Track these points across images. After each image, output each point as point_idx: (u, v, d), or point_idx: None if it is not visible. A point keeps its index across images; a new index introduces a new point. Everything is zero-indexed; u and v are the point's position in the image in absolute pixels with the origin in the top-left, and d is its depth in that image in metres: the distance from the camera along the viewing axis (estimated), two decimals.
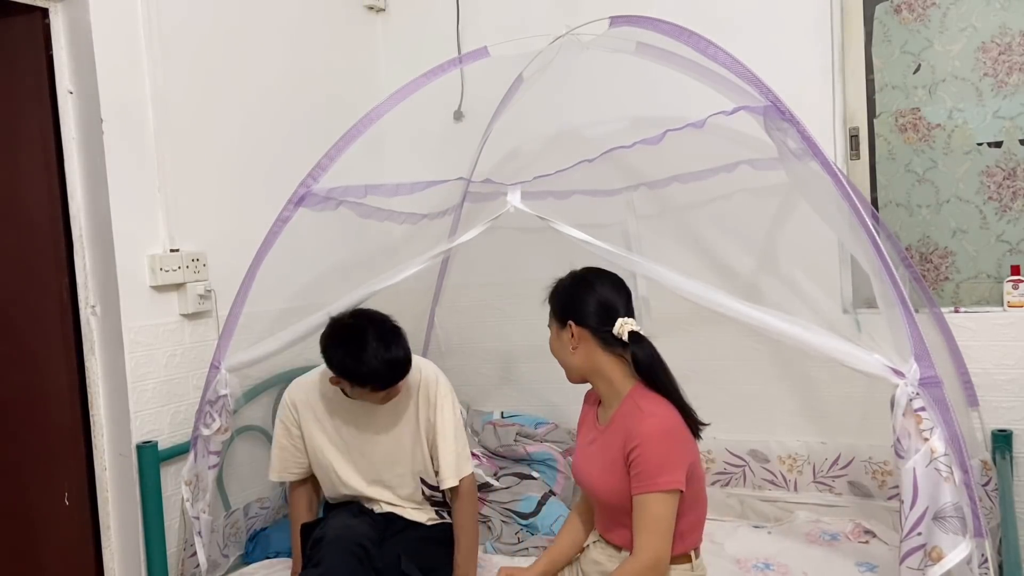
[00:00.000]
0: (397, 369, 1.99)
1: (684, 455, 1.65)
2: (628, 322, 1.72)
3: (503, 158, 3.06)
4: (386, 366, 1.96)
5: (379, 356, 1.95)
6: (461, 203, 2.95)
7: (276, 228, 2.21)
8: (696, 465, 1.69)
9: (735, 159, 2.53)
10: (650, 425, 1.64)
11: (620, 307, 1.75)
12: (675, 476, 1.61)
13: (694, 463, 1.68)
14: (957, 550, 1.52)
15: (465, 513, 2.15)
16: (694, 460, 1.68)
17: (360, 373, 1.97)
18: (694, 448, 1.70)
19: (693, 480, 1.67)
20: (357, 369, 1.96)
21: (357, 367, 1.96)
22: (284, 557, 2.41)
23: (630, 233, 2.87)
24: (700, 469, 1.74)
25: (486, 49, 2.26)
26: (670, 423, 1.66)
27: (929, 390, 1.61)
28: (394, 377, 2.00)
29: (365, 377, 1.97)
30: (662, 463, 1.61)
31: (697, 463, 1.70)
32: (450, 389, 2.20)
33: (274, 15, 2.85)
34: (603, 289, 1.77)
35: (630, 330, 1.71)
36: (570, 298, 1.80)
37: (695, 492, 1.70)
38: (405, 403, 2.18)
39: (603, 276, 1.81)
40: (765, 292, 2.56)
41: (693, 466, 1.67)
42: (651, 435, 1.63)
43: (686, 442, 1.67)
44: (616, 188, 2.82)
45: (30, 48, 2.28)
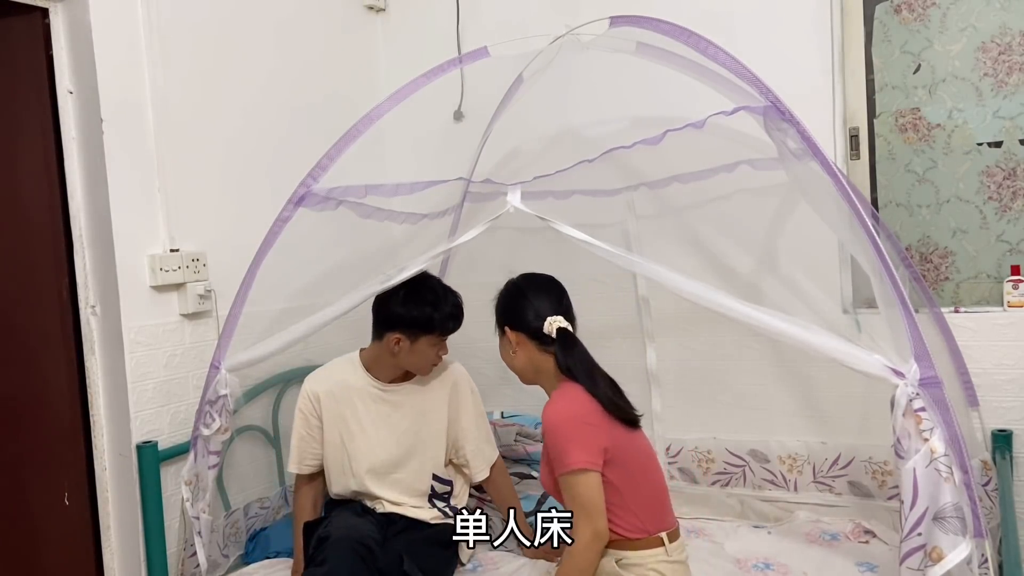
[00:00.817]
0: (462, 312, 2.22)
1: (589, 436, 1.76)
2: (555, 320, 1.86)
3: (503, 158, 3.06)
4: (458, 309, 2.20)
5: (452, 300, 2.19)
6: (461, 203, 2.94)
7: (276, 228, 2.21)
8: (623, 450, 1.80)
9: (735, 159, 2.53)
10: (549, 413, 1.81)
11: (549, 307, 1.89)
12: (578, 456, 1.74)
13: (614, 446, 1.78)
14: (957, 550, 1.52)
15: (508, 485, 2.43)
16: (612, 443, 1.78)
17: (441, 316, 2.15)
18: (607, 431, 1.79)
19: (626, 463, 1.79)
20: (437, 312, 2.14)
21: (435, 312, 2.14)
22: (284, 557, 2.41)
23: (630, 233, 2.87)
24: (636, 453, 1.85)
25: (486, 49, 2.26)
26: (571, 408, 1.80)
27: (929, 390, 1.61)
28: (462, 319, 2.22)
29: (444, 320, 2.15)
30: (564, 445, 1.75)
31: (626, 448, 1.81)
32: (476, 387, 2.39)
33: (274, 15, 2.85)
34: (533, 292, 1.93)
35: (558, 327, 1.85)
36: (505, 305, 1.97)
37: (631, 474, 1.81)
38: (435, 397, 2.29)
39: (534, 279, 1.97)
40: (765, 292, 2.55)
41: (619, 450, 1.78)
42: (551, 421, 1.80)
43: (592, 425, 1.78)
44: (616, 188, 2.82)
45: (30, 48, 2.28)
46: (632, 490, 1.81)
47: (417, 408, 2.27)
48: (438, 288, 2.17)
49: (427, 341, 2.17)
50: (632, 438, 1.85)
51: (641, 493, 1.83)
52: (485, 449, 2.38)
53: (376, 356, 2.26)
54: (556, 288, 1.96)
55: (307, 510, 2.31)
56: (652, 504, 1.85)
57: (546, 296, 1.93)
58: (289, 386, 2.77)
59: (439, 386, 2.31)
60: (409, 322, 2.14)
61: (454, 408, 2.30)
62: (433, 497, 2.32)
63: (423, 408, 2.27)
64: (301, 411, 2.30)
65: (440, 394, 2.29)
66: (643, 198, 2.82)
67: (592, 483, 1.75)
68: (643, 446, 1.90)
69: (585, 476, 1.74)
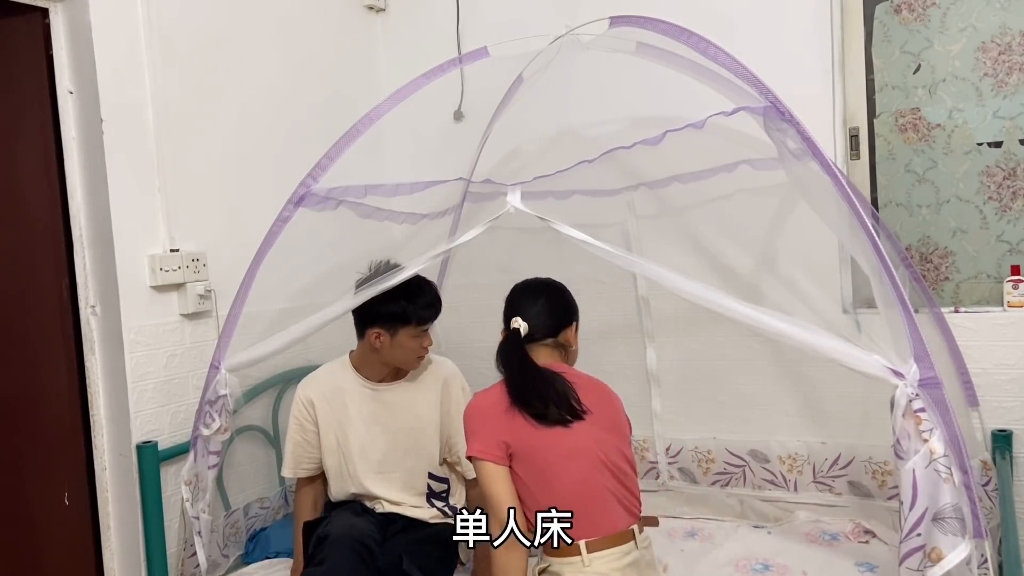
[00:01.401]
0: (440, 301, 2.25)
1: (488, 428, 1.79)
2: (513, 321, 1.89)
3: (503, 158, 3.05)
4: (434, 298, 2.22)
5: (427, 291, 2.21)
6: (461, 203, 2.94)
7: (276, 228, 2.21)
8: (531, 444, 1.77)
9: (735, 159, 2.53)
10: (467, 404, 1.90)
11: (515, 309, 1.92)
12: (472, 445, 1.78)
13: (520, 440, 1.77)
14: (956, 551, 1.52)
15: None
16: (517, 438, 1.77)
17: (416, 307, 2.15)
18: (507, 425, 1.78)
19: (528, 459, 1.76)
20: (412, 304, 2.15)
21: (410, 303, 2.15)
22: (284, 557, 2.41)
23: (630, 233, 2.87)
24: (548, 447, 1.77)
25: (486, 49, 2.26)
26: (476, 401, 1.88)
27: (929, 391, 1.61)
28: (439, 308, 2.24)
29: (420, 310, 2.16)
30: (466, 434, 1.83)
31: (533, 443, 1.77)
32: (467, 385, 2.35)
33: (274, 15, 2.86)
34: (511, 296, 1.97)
35: (513, 327, 1.88)
36: (571, 302, 2.02)
37: (541, 472, 1.76)
38: (426, 395, 2.28)
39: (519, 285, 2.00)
40: (765, 292, 2.55)
41: (516, 444, 1.77)
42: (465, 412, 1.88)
43: (490, 417, 1.80)
44: (616, 188, 2.82)
45: (30, 48, 2.28)
46: (542, 488, 1.76)
47: (409, 406, 2.27)
48: (411, 280, 2.15)
49: (407, 333, 2.16)
50: (546, 436, 1.77)
51: (555, 494, 1.75)
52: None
53: (363, 355, 2.27)
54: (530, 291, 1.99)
55: (307, 510, 2.31)
56: (569, 508, 1.75)
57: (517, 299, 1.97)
58: (289, 386, 2.77)
59: (430, 384, 2.31)
60: (387, 316, 2.15)
61: (445, 405, 2.30)
62: (431, 496, 2.32)
63: (415, 406, 2.27)
64: (296, 417, 2.29)
65: (431, 391, 2.29)
66: (643, 198, 2.83)
67: (489, 473, 1.76)
68: (566, 444, 1.78)
69: (481, 465, 1.77)
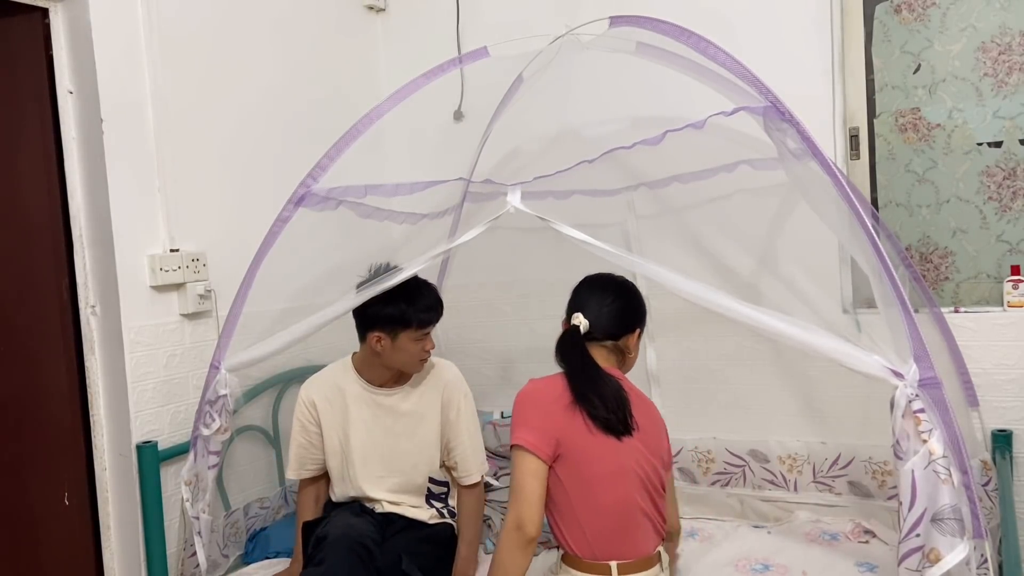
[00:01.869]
0: (440, 301, 2.21)
1: (545, 421, 1.71)
2: (575, 316, 1.85)
3: (503, 158, 3.05)
4: (435, 301, 2.18)
5: (427, 293, 2.18)
6: (461, 203, 2.94)
7: (276, 228, 2.21)
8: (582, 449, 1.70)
9: (735, 159, 2.53)
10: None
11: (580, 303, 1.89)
12: (518, 433, 1.71)
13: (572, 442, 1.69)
14: (955, 552, 1.52)
15: (476, 506, 2.28)
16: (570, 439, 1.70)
17: (416, 309, 2.13)
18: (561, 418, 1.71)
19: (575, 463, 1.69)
20: (412, 307, 2.12)
21: (410, 306, 2.12)
22: (284, 557, 2.41)
23: (630, 233, 2.87)
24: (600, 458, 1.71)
25: (486, 49, 2.26)
26: (539, 389, 1.78)
27: (928, 391, 1.61)
28: (442, 309, 2.21)
29: (420, 312, 2.13)
30: (513, 421, 1.76)
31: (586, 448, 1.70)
32: (469, 390, 2.34)
33: (274, 15, 2.85)
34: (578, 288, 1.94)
35: (573, 323, 1.85)
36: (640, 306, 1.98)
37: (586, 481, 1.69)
38: (429, 399, 2.27)
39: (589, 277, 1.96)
40: (765, 292, 2.56)
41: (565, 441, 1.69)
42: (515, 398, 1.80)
43: (555, 413, 1.72)
44: (616, 188, 2.82)
45: (30, 48, 2.28)
46: (584, 500, 1.69)
47: (411, 411, 2.26)
48: (411, 282, 2.14)
49: (408, 336, 2.14)
50: (598, 446, 1.70)
51: (596, 509, 1.69)
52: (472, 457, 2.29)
53: (365, 358, 2.25)
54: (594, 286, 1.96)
55: (309, 508, 2.31)
56: (607, 525, 1.70)
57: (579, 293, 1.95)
58: (289, 386, 2.77)
59: (432, 388, 2.29)
60: (386, 319, 2.13)
61: (447, 411, 2.28)
62: (430, 498, 2.32)
63: (416, 411, 2.26)
64: (299, 419, 2.28)
65: (433, 396, 2.28)
66: (643, 198, 2.83)
67: (527, 466, 1.68)
68: (615, 460, 1.71)
69: (521, 455, 1.68)
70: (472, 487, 2.28)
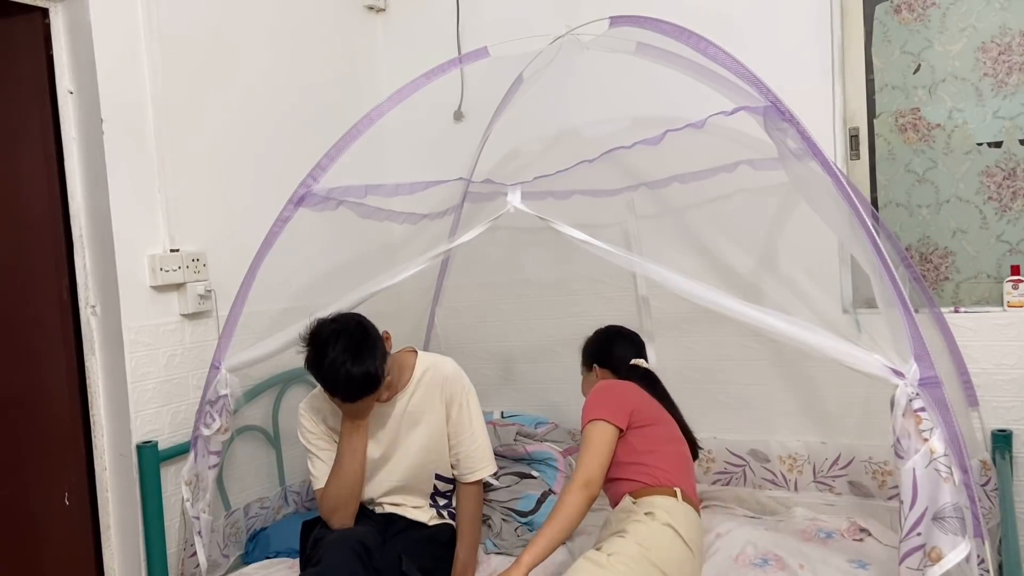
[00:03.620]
0: (357, 385, 1.94)
1: (614, 399, 2.06)
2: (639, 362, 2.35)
3: (503, 158, 3.06)
4: (346, 380, 1.93)
5: (341, 370, 1.91)
6: (461, 203, 2.95)
7: (276, 228, 2.21)
8: (646, 413, 2.09)
9: (735, 159, 2.53)
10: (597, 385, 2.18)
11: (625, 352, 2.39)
12: (598, 412, 2.01)
13: (641, 410, 2.08)
14: (956, 551, 1.52)
15: (475, 507, 2.24)
16: (640, 408, 2.08)
17: (323, 381, 1.98)
18: (635, 398, 2.11)
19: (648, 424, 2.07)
20: (319, 377, 1.98)
21: (319, 375, 1.97)
22: (284, 557, 2.41)
23: (630, 233, 2.87)
24: (660, 418, 2.14)
25: (486, 49, 2.25)
26: (605, 383, 2.17)
27: (929, 390, 1.61)
28: (355, 392, 1.95)
29: (328, 386, 1.98)
30: (592, 405, 2.05)
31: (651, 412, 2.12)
32: (472, 385, 2.28)
33: (274, 15, 2.86)
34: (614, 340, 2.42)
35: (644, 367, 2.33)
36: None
37: (652, 435, 2.06)
38: (429, 398, 2.22)
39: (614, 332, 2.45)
40: (765, 292, 2.55)
41: (641, 412, 2.07)
42: (588, 394, 2.12)
43: (619, 394, 2.10)
44: (616, 188, 2.82)
45: (30, 48, 2.28)
46: (650, 449, 2.03)
47: (412, 411, 2.21)
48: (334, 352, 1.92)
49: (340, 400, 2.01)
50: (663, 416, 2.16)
51: (664, 458, 2.03)
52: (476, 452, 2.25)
53: None
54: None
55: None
56: (678, 469, 2.05)
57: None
58: (289, 386, 2.77)
59: (431, 385, 2.23)
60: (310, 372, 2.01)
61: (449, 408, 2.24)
62: (435, 495, 2.31)
63: (417, 410, 2.22)
64: (311, 432, 2.19)
65: (433, 393, 2.23)
66: (643, 198, 2.83)
67: (604, 433, 1.98)
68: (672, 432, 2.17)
69: (598, 427, 1.97)
70: (473, 484, 2.25)
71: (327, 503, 2.12)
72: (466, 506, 2.24)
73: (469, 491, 2.25)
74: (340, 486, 2.10)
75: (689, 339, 2.84)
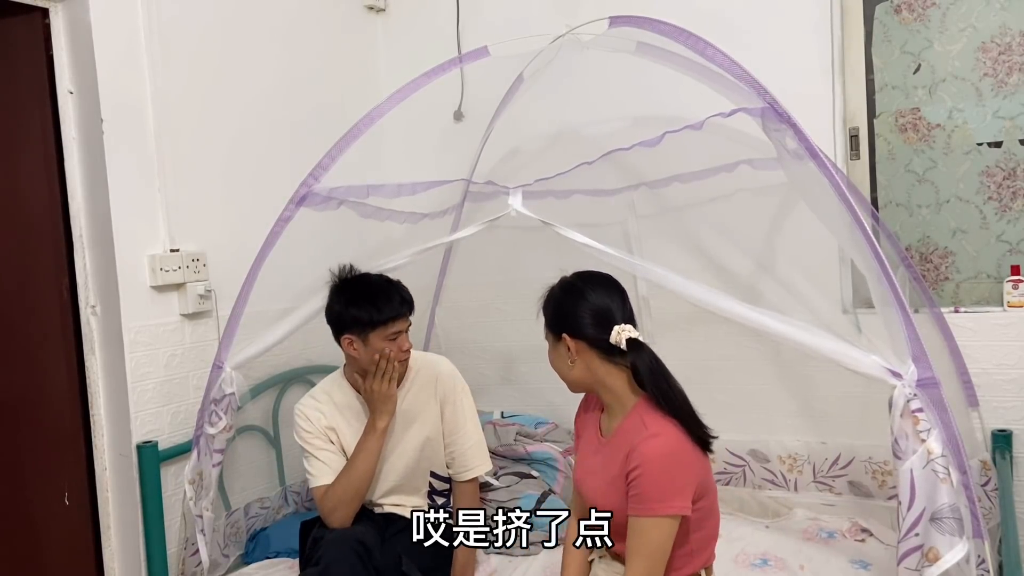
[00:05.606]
0: (403, 291, 2.16)
1: (688, 478, 1.55)
2: (626, 329, 1.60)
3: (503, 158, 3.06)
4: (397, 288, 2.14)
5: (387, 283, 2.13)
6: (462, 203, 2.95)
7: (277, 228, 2.22)
8: (705, 482, 1.61)
9: (735, 159, 2.53)
10: (652, 447, 1.53)
11: (616, 313, 1.63)
12: (675, 502, 1.52)
13: (703, 481, 1.59)
14: (954, 551, 1.52)
15: (472, 506, 2.24)
16: (703, 479, 1.59)
17: (382, 307, 2.09)
18: (701, 468, 1.59)
19: (705, 495, 1.60)
20: (379, 305, 2.09)
21: (377, 305, 2.09)
22: (284, 557, 2.41)
23: (630, 233, 2.87)
24: (711, 484, 1.65)
25: (486, 49, 2.25)
26: (674, 444, 1.54)
27: (927, 391, 1.61)
28: (403, 297, 2.15)
29: (389, 308, 2.09)
30: (663, 488, 1.52)
31: (708, 479, 1.62)
32: (466, 384, 2.31)
33: (274, 15, 2.86)
34: (595, 295, 1.66)
35: (628, 337, 1.59)
36: (562, 309, 1.70)
37: (705, 508, 1.62)
38: (423, 396, 2.25)
39: (594, 280, 1.70)
40: (764, 293, 2.55)
41: (702, 484, 1.59)
42: (653, 458, 1.52)
43: (691, 464, 1.56)
44: (616, 188, 2.82)
45: (30, 48, 2.29)
46: (700, 527, 1.63)
47: (406, 409, 2.22)
48: (376, 281, 2.13)
49: (378, 336, 2.09)
50: (709, 466, 1.65)
51: (706, 530, 1.66)
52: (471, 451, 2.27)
53: (350, 367, 2.22)
54: (618, 289, 1.69)
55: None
56: (711, 539, 1.69)
57: (610, 299, 1.66)
58: (289, 386, 2.77)
59: (425, 383, 2.26)
60: (353, 321, 2.10)
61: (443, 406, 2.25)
62: (434, 494, 2.31)
63: (412, 408, 2.23)
64: (307, 431, 2.18)
65: (427, 391, 2.25)
66: (643, 198, 2.83)
67: (672, 532, 1.53)
68: (712, 474, 1.69)
69: (671, 523, 1.53)
70: (469, 483, 2.26)
71: (330, 501, 2.12)
72: (463, 505, 2.24)
73: (465, 490, 2.27)
74: (348, 486, 2.11)
75: (689, 339, 2.84)
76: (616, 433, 1.66)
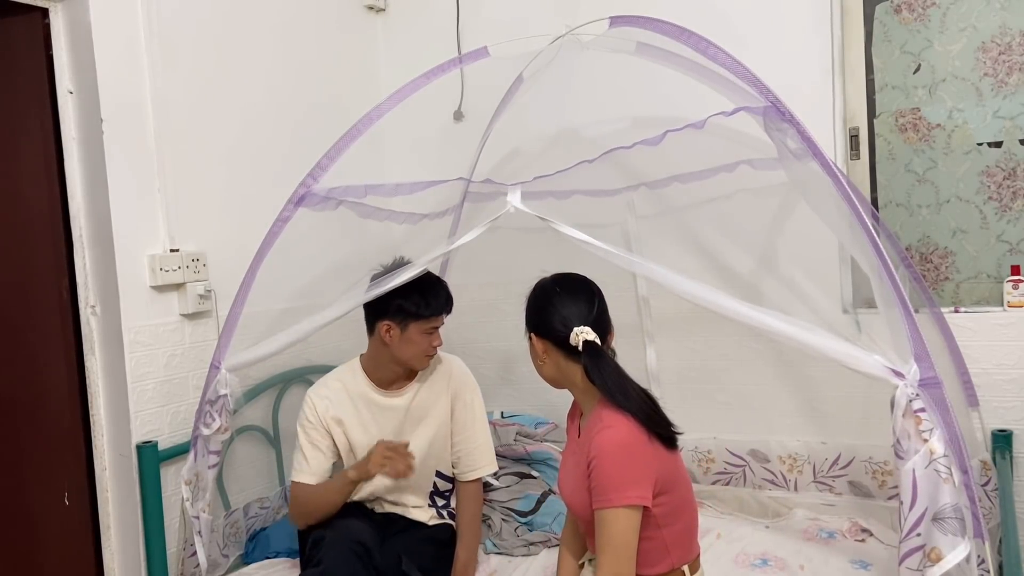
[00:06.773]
0: (451, 297, 2.26)
1: (643, 469, 1.56)
2: (583, 332, 1.64)
3: (503, 158, 3.06)
4: (446, 294, 2.23)
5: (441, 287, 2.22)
6: (461, 203, 2.94)
7: (276, 228, 2.21)
8: (670, 476, 1.62)
9: (735, 159, 2.52)
10: (605, 438, 1.57)
11: (578, 315, 1.68)
12: (630, 492, 1.54)
13: (667, 474, 1.60)
14: (956, 551, 1.52)
15: (475, 506, 2.27)
16: (665, 472, 1.60)
17: (428, 301, 2.15)
18: (660, 460, 1.60)
19: (671, 490, 1.62)
20: (424, 298, 2.15)
21: (423, 297, 2.14)
22: (284, 557, 2.41)
23: (630, 233, 2.87)
24: (679, 477, 1.67)
25: (486, 49, 2.25)
26: (625, 435, 1.57)
27: (929, 391, 1.61)
28: (447, 295, 2.25)
29: (435, 304, 2.17)
30: (617, 478, 1.54)
31: (672, 473, 1.63)
32: (477, 385, 2.35)
33: (274, 15, 2.86)
34: (563, 297, 1.71)
35: (584, 339, 1.63)
36: (532, 309, 1.78)
37: (674, 503, 1.63)
38: (436, 394, 2.27)
39: (566, 283, 1.76)
40: (765, 292, 2.56)
41: (666, 478, 1.60)
42: (605, 448, 1.56)
43: (645, 455, 1.58)
44: (616, 188, 2.82)
45: (30, 48, 2.28)
46: (671, 522, 1.63)
47: (418, 406, 2.25)
48: (425, 277, 2.16)
49: (417, 328, 2.14)
50: (675, 461, 1.66)
51: (678, 525, 1.66)
52: (478, 450, 2.30)
53: (373, 356, 2.23)
54: (589, 294, 1.73)
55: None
56: (685, 535, 1.69)
57: (575, 303, 1.70)
58: (289, 386, 2.77)
59: (438, 381, 2.28)
60: (397, 309, 2.12)
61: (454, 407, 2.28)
62: (434, 494, 2.31)
63: (424, 405, 2.25)
64: (309, 421, 2.20)
65: (440, 389, 2.27)
66: (643, 198, 2.82)
67: (633, 523, 1.55)
68: (683, 469, 1.71)
69: (630, 513, 1.54)
70: (473, 483, 2.28)
71: (297, 504, 2.19)
72: (466, 506, 2.25)
73: (468, 490, 2.27)
74: (315, 507, 2.15)
75: (689, 339, 2.84)
76: (583, 432, 1.73)
